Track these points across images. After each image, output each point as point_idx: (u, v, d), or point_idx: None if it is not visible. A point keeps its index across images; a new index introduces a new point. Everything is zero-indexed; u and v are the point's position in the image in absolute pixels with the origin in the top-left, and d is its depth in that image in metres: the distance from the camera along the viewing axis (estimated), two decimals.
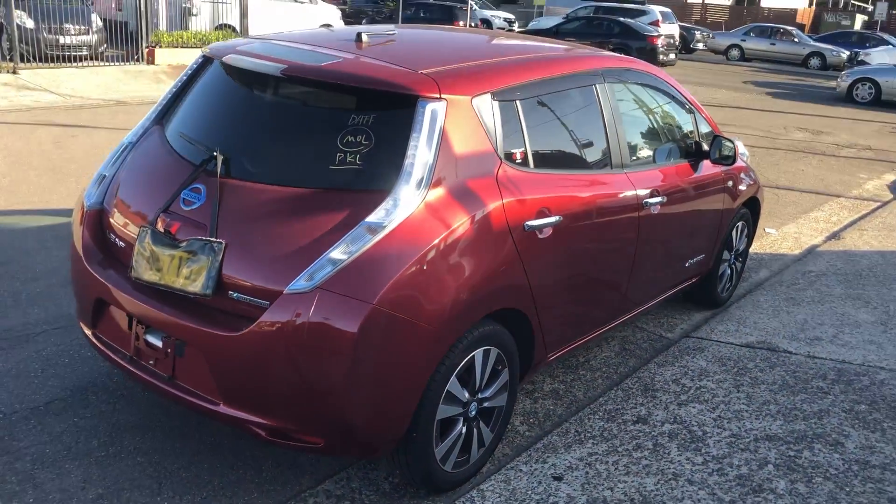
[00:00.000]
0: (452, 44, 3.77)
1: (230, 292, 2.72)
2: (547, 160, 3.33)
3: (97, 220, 3.23)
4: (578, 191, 3.41)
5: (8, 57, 12.75)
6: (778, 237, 6.98)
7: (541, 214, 3.15)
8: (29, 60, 12.94)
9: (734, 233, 5.07)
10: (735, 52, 29.61)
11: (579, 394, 3.98)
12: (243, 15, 16.73)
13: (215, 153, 2.90)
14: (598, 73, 3.71)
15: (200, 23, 16.43)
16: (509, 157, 3.11)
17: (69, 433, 3.29)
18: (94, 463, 3.12)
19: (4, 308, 4.37)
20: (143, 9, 14.55)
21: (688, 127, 4.49)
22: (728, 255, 5.10)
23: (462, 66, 3.12)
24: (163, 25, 15.87)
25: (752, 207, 5.29)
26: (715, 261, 4.91)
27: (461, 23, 24.29)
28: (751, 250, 6.46)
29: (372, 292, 2.58)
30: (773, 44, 29.00)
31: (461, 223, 2.82)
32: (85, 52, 13.99)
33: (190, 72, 3.43)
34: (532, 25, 26.76)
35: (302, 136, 2.94)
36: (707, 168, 4.48)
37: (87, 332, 3.22)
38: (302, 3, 19.59)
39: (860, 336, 4.63)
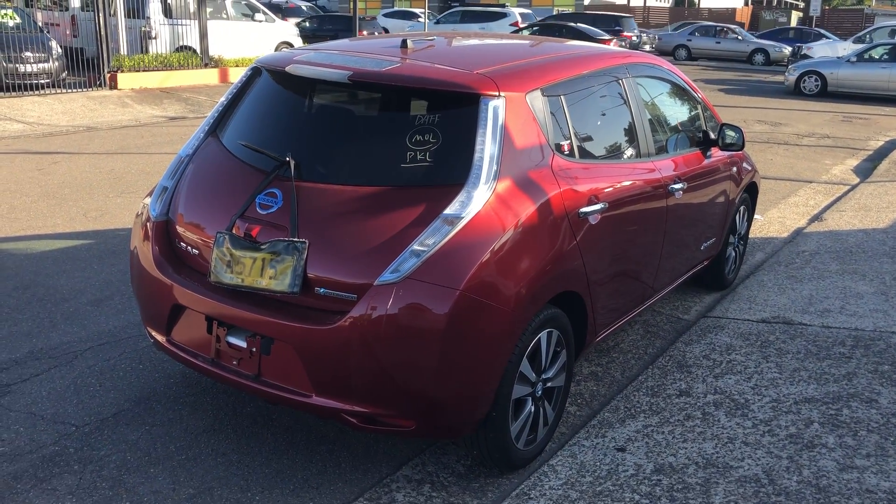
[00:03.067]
0: (491, 47, 3.95)
1: (317, 289, 2.85)
2: (589, 151, 3.53)
3: (164, 230, 3.33)
4: (618, 179, 3.61)
5: None
6: (765, 222, 7.30)
7: (591, 202, 3.34)
8: None
9: (738, 216, 5.33)
10: (682, 52, 30.41)
11: (617, 374, 4.18)
12: (203, 36, 16.72)
13: (288, 158, 3.03)
14: (623, 67, 3.92)
15: (160, 45, 16.37)
16: (559, 148, 3.29)
17: (145, 440, 3.37)
18: (177, 466, 3.20)
19: (44, 329, 4.40)
20: (102, 34, 14.46)
21: (698, 116, 4.74)
22: (733, 239, 5.37)
23: (512, 66, 3.30)
24: (123, 50, 15.76)
25: (751, 192, 5.57)
26: (723, 244, 5.17)
27: (364, 32, 24.95)
28: (750, 235, 6.76)
29: (458, 279, 2.74)
30: (718, 42, 29.88)
31: (527, 212, 2.99)
32: (46, 80, 13.85)
33: (240, 84, 3.55)
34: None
35: (371, 137, 3.09)
36: (715, 155, 4.73)
37: (160, 338, 3.30)
38: (259, 21, 19.61)
39: (865, 306, 4.92)
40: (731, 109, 15.91)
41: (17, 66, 13.44)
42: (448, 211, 2.82)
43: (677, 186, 4.10)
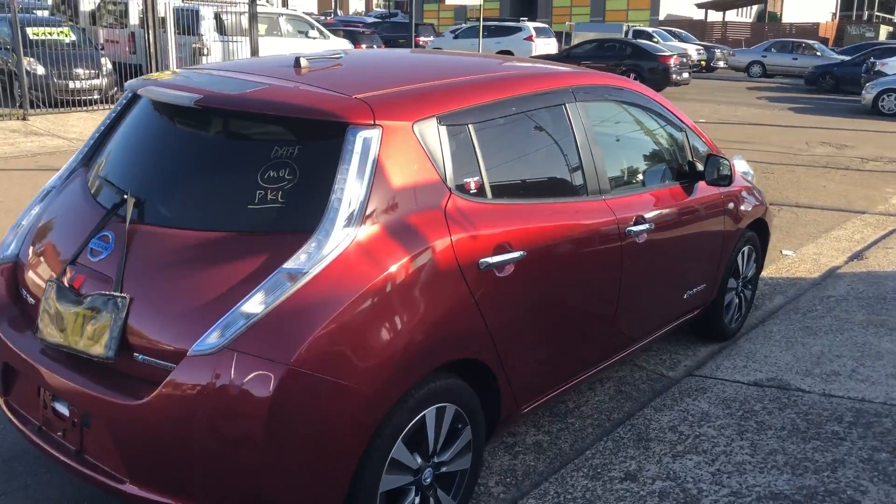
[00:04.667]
0: (404, 66, 3.46)
1: (136, 354, 2.40)
2: (508, 189, 2.98)
3: (12, 273, 2.94)
4: (546, 221, 3.05)
5: (18, 104, 12.78)
6: (796, 259, 6.54)
7: (500, 250, 2.79)
8: (39, 106, 12.96)
9: (740, 258, 4.66)
10: (756, 69, 29.09)
11: (565, 446, 3.59)
12: (254, 52, 16.69)
13: (125, 196, 2.60)
14: (567, 91, 3.36)
15: (212, 62, 16.41)
16: (462, 187, 2.76)
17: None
18: None
19: None
20: (152, 50, 14.56)
21: (679, 147, 4.12)
22: (735, 283, 4.69)
23: (405, 90, 2.80)
24: (173, 66, 15.85)
25: (760, 230, 4.88)
26: (719, 290, 4.51)
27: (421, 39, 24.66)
28: (766, 275, 6.04)
29: (288, 351, 2.24)
30: (795, 58, 28.43)
31: (399, 264, 2.48)
32: (96, 97, 14.03)
33: (119, 108, 3.15)
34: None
35: (219, 173, 2.63)
36: (703, 190, 4.10)
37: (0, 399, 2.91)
38: (314, 38, 19.53)
39: (882, 369, 4.19)
40: (796, 130, 14.92)
41: (68, 82, 13.63)
42: (290, 264, 2.33)
43: (639, 228, 3.50)
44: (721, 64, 30.57)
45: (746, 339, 4.73)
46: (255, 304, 2.28)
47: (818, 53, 28.24)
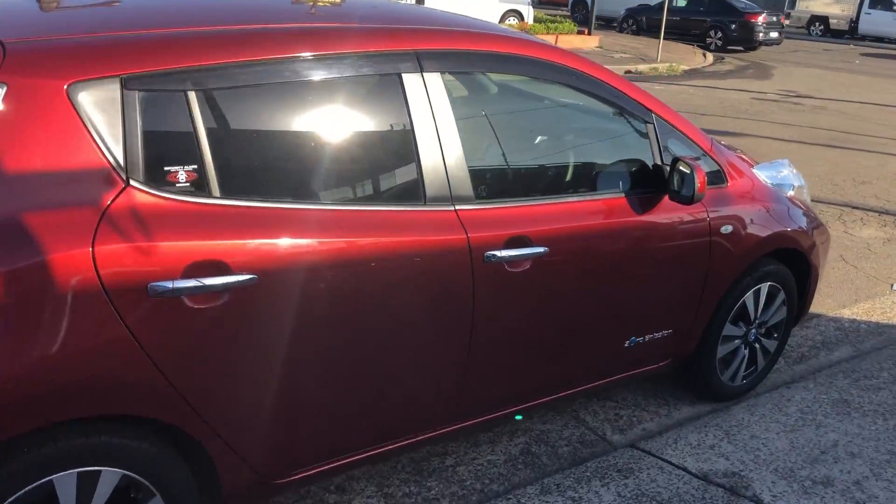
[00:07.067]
0: (144, 8, 2.58)
1: None
2: (258, 186, 2.18)
3: None
4: (309, 233, 2.21)
5: None
6: None
7: (202, 270, 2.02)
8: None
9: (750, 299, 3.47)
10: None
11: None
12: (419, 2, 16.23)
13: None
14: (406, 56, 2.45)
15: None
16: (157, 177, 2.02)
17: None
18: None
19: None
20: None
21: (633, 145, 3.05)
22: (740, 330, 3.52)
23: (85, 39, 2.07)
24: None
25: (795, 262, 3.63)
26: (703, 338, 3.39)
27: None
28: (853, 314, 4.70)
29: None
30: None
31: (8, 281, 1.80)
32: None
33: None
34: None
35: None
36: (669, 206, 3.01)
37: None
38: None
39: None
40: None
41: None
42: None
43: (512, 253, 2.56)
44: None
45: (748, 404, 3.57)
46: None
47: None
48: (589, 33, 19.29)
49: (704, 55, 19.72)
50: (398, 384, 2.52)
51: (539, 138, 3.06)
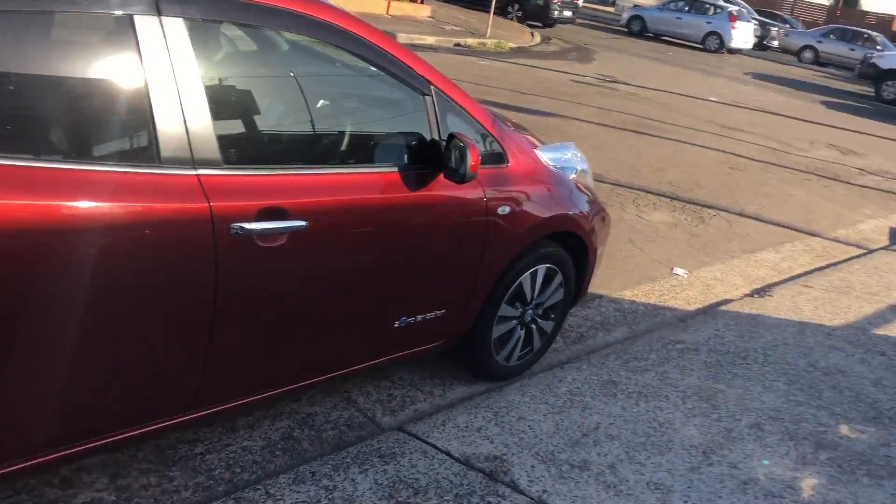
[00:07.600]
0: None
1: None
2: None
3: None
4: (13, 194, 1.89)
5: None
6: (685, 282, 5.29)
7: None
8: None
9: (527, 281, 3.45)
10: (808, 55, 26.93)
11: None
12: None
13: None
14: None
15: None
16: None
17: None
18: None
19: None
20: None
21: (404, 117, 2.91)
22: (517, 311, 3.50)
23: None
24: None
25: (574, 245, 3.65)
26: (479, 318, 3.34)
27: None
28: (635, 296, 4.85)
29: None
30: (853, 49, 26.20)
31: None
32: None
33: None
34: None
35: None
36: (444, 184, 2.90)
37: None
38: None
39: (651, 472, 3.01)
40: (811, 126, 13.37)
41: None
42: None
43: (264, 226, 2.34)
44: (774, 44, 28.40)
45: (521, 385, 3.57)
46: None
47: (879, 47, 25.96)
48: (422, 2, 19.14)
49: (532, 34, 20.16)
50: (129, 369, 2.25)
51: (318, 103, 2.85)
